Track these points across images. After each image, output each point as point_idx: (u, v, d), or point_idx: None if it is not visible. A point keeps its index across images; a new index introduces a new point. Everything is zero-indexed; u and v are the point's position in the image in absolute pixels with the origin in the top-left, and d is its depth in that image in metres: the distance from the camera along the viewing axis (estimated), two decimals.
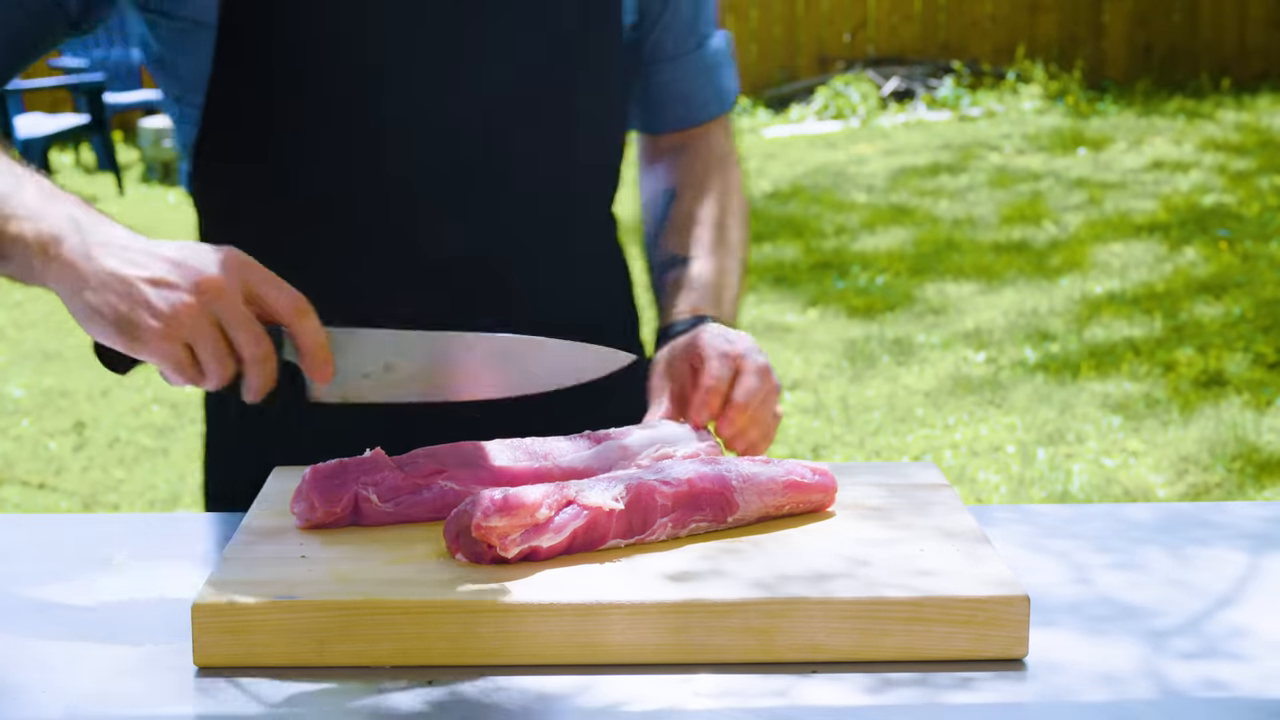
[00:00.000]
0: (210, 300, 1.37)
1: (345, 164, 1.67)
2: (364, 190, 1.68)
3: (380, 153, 1.66)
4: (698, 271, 1.78)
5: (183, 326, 1.36)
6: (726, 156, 1.93)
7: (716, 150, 1.91)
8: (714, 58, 1.89)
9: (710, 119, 1.92)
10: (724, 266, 1.81)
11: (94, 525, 1.68)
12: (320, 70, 1.63)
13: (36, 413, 5.73)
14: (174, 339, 1.37)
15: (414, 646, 1.29)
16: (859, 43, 12.22)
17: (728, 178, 1.90)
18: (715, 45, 1.90)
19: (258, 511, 1.50)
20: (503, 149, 1.70)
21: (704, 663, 1.30)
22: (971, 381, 5.76)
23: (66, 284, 1.38)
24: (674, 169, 1.90)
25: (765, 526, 1.48)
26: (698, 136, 1.92)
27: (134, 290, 1.37)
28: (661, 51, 1.86)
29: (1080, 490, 4.75)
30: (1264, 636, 1.37)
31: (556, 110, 1.73)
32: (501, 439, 1.57)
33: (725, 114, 1.94)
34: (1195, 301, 6.53)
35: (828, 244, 7.80)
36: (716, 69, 1.90)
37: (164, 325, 1.36)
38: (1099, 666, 1.31)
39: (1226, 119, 10.50)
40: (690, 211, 1.85)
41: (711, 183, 1.88)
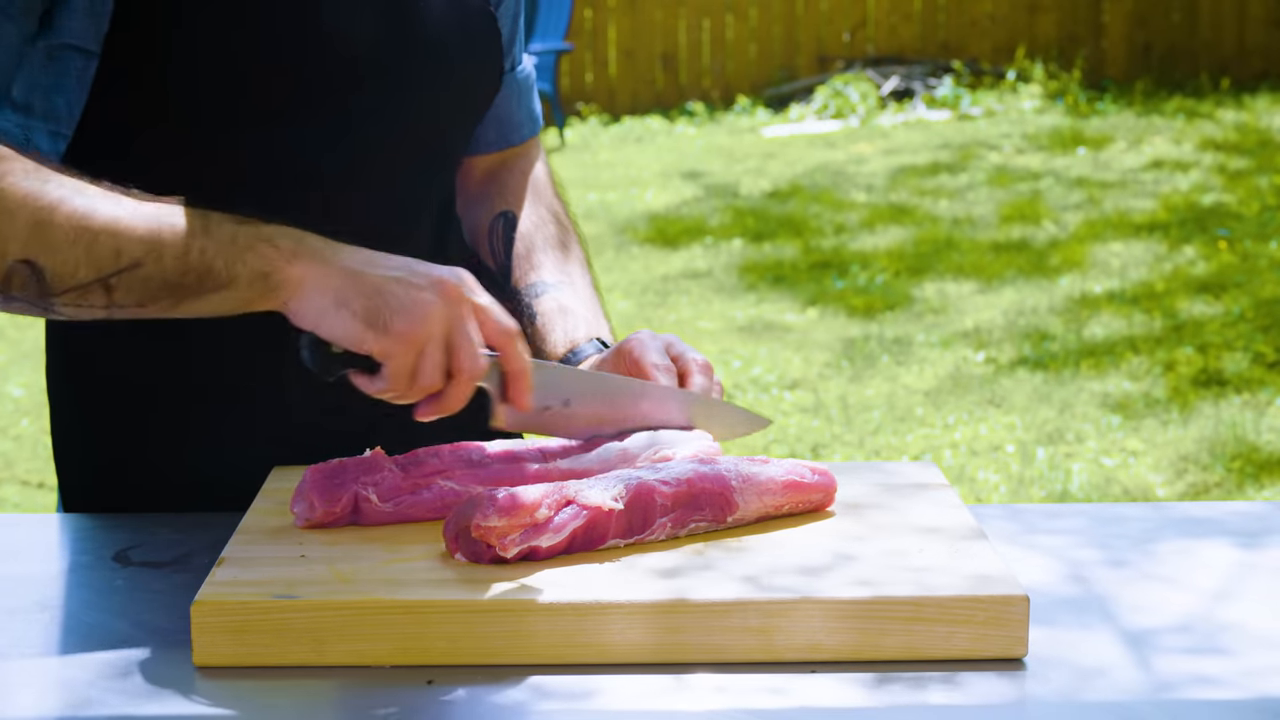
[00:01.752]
0: (452, 305, 1.40)
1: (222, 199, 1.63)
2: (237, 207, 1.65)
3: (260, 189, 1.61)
4: (569, 296, 1.79)
5: (428, 325, 1.39)
6: (553, 176, 1.95)
7: (539, 170, 1.93)
8: (526, 81, 1.91)
9: (521, 141, 1.92)
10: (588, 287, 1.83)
11: (94, 525, 1.68)
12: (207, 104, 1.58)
13: (36, 412, 5.73)
14: (417, 339, 1.39)
15: (414, 646, 1.29)
16: (858, 42, 12.22)
17: (558, 198, 1.92)
18: (526, 69, 1.91)
19: (257, 511, 1.51)
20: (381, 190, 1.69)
21: (703, 662, 1.30)
22: (971, 381, 5.76)
23: (309, 287, 1.40)
24: (503, 193, 1.89)
25: (764, 526, 1.48)
26: (516, 157, 1.92)
27: (383, 287, 1.40)
28: None
29: (1080, 490, 4.75)
30: (1257, 633, 1.37)
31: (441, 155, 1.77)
32: (501, 439, 1.57)
33: (536, 136, 1.95)
34: (1194, 301, 6.53)
35: (827, 243, 7.80)
36: (527, 92, 1.91)
37: (412, 323, 1.39)
38: (1098, 666, 1.31)
39: (1226, 119, 10.50)
40: (536, 234, 1.85)
41: (548, 204, 1.90)
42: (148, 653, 1.33)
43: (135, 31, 1.54)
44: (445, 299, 1.40)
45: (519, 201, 1.89)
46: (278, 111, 1.60)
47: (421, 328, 1.39)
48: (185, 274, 1.40)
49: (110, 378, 1.68)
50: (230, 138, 1.59)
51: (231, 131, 1.59)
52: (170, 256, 1.40)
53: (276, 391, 1.65)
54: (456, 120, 1.77)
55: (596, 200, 8.72)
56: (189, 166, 1.59)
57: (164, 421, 1.68)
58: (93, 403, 1.70)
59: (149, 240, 1.40)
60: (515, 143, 1.91)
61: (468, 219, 1.91)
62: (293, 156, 1.62)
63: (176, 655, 1.32)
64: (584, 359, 1.71)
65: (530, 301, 1.79)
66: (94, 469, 1.72)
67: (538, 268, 1.82)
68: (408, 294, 1.39)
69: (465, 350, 1.41)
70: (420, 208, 1.75)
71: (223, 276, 1.40)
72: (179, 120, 1.58)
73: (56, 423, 1.74)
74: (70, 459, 1.74)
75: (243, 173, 1.61)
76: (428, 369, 1.41)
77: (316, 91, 1.61)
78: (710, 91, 12.14)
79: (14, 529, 1.69)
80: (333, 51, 1.61)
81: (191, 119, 1.58)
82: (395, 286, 1.40)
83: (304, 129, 1.62)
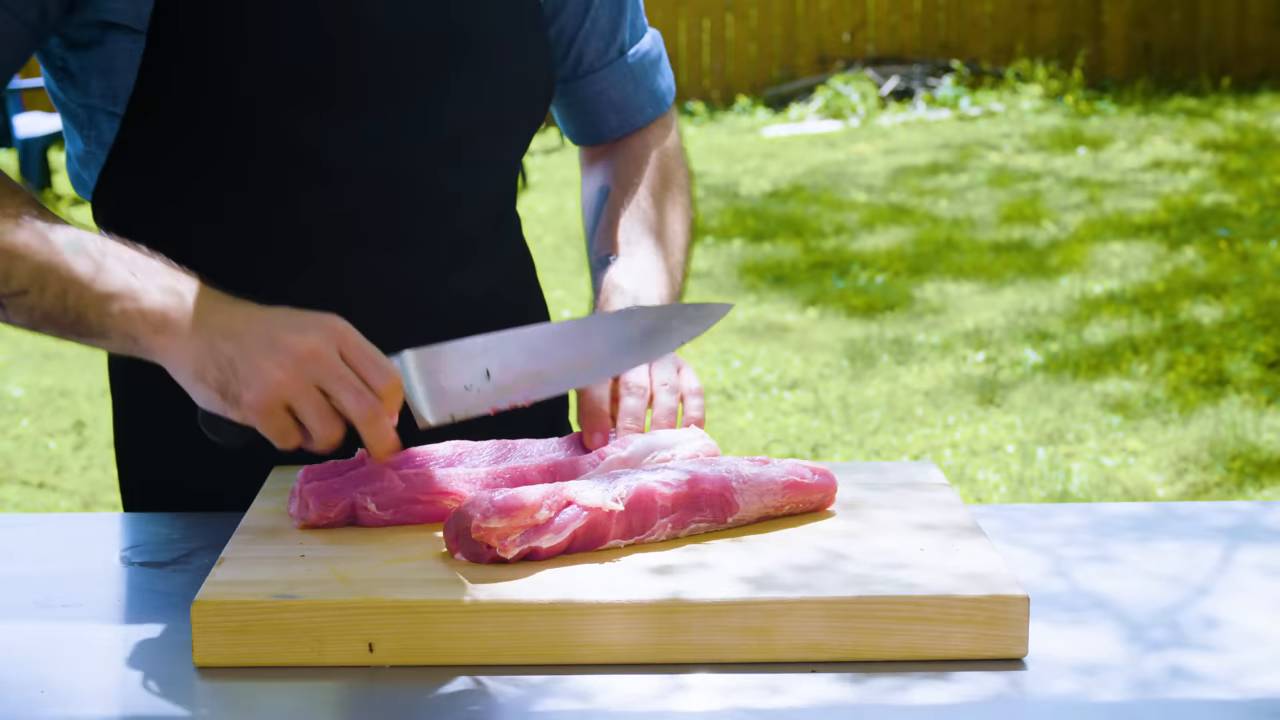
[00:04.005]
0: (306, 364, 1.38)
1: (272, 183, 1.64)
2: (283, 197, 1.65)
3: (306, 170, 1.64)
4: (624, 269, 1.76)
5: (276, 393, 1.37)
6: (666, 151, 1.92)
7: (655, 147, 1.91)
8: (641, 63, 1.89)
9: (647, 123, 1.91)
10: (654, 262, 1.78)
11: (94, 525, 1.68)
12: (253, 83, 1.60)
13: (36, 412, 5.73)
14: (268, 407, 1.37)
15: (414, 646, 1.29)
16: (858, 42, 12.22)
17: (666, 173, 1.89)
18: (642, 50, 1.89)
19: (257, 511, 1.51)
20: (429, 179, 1.69)
21: (703, 662, 1.30)
22: (971, 381, 5.76)
23: (171, 358, 1.41)
24: (610, 167, 1.90)
25: (765, 526, 1.48)
26: (636, 135, 1.92)
27: (234, 358, 1.38)
28: (584, 65, 1.85)
29: (1080, 490, 4.75)
30: (1256, 633, 1.37)
31: (490, 144, 1.75)
32: (497, 439, 1.57)
33: (662, 115, 1.93)
34: (1195, 301, 6.53)
35: (827, 243, 7.80)
36: (646, 73, 1.90)
37: (258, 393, 1.37)
38: (1098, 666, 1.31)
39: (1226, 118, 10.50)
40: (621, 208, 1.84)
41: (646, 178, 1.87)
42: (148, 653, 1.33)
43: (181, 11, 1.56)
44: (296, 362, 1.37)
45: (618, 178, 1.87)
46: (313, 104, 1.61)
47: (268, 396, 1.37)
48: (64, 314, 1.43)
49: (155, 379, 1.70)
50: (266, 130, 1.61)
51: (267, 124, 1.61)
52: (51, 294, 1.43)
53: None
54: (504, 123, 1.76)
55: None
56: (228, 156, 1.61)
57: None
58: (143, 401, 1.72)
59: (36, 273, 1.43)
60: (640, 125, 1.91)
61: (583, 191, 1.93)
62: (329, 151, 1.63)
63: (176, 655, 1.32)
64: None
65: (598, 275, 1.79)
66: (153, 469, 1.75)
67: (610, 242, 1.81)
68: (253, 365, 1.37)
69: (344, 398, 1.38)
70: (471, 207, 1.76)
71: (94, 327, 1.43)
72: (219, 107, 1.60)
73: (118, 423, 1.77)
74: (130, 460, 1.77)
75: (276, 166, 1.63)
76: (313, 424, 1.39)
77: (354, 84, 1.63)
78: (710, 91, 12.14)
79: (14, 529, 1.69)
80: (373, 47, 1.63)
81: (233, 108, 1.60)
82: (245, 356, 1.38)
83: (339, 122, 1.63)
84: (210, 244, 1.64)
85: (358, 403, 1.38)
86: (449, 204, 1.72)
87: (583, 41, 1.84)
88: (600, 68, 1.86)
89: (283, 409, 1.38)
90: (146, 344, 1.41)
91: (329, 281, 1.66)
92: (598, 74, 1.87)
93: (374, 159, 1.65)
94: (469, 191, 1.75)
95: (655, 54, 1.91)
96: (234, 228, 1.66)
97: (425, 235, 1.72)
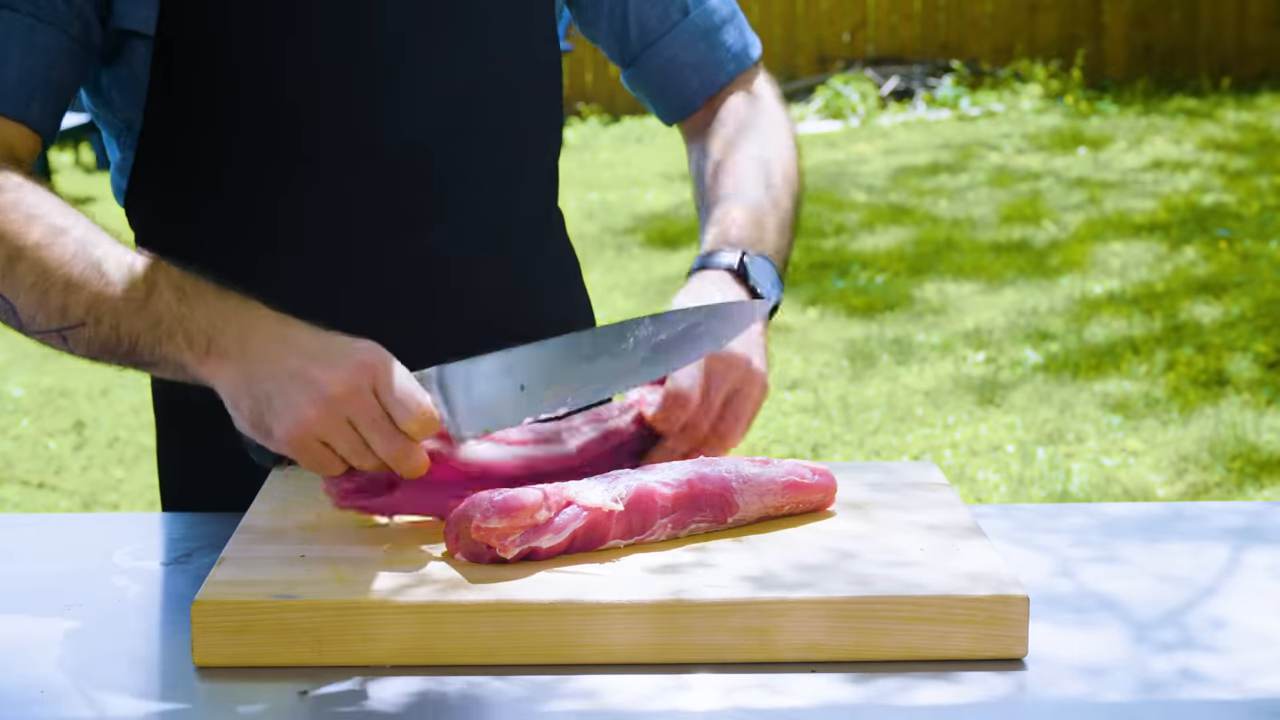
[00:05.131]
0: (339, 406, 1.37)
1: (285, 172, 1.65)
2: (302, 197, 1.66)
3: (317, 162, 1.65)
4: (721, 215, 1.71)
5: (307, 429, 1.37)
6: (757, 102, 1.85)
7: (745, 100, 1.84)
8: (709, 19, 1.83)
9: (730, 79, 1.85)
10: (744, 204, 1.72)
11: (94, 525, 1.68)
12: (259, 79, 1.61)
13: (36, 412, 5.73)
14: (300, 442, 1.38)
15: (414, 646, 1.29)
16: (858, 42, 12.22)
17: (761, 121, 1.82)
18: (709, 6, 1.83)
19: (257, 511, 1.51)
20: (443, 161, 1.69)
21: (703, 662, 1.30)
22: (971, 381, 5.75)
23: (217, 384, 1.41)
24: (708, 125, 1.84)
25: (764, 526, 1.48)
26: (729, 91, 1.85)
27: (270, 391, 1.38)
28: (648, 32, 1.82)
29: (1080, 490, 4.75)
30: (1257, 633, 1.37)
31: (495, 118, 1.73)
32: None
33: (746, 69, 1.86)
34: (1195, 301, 6.53)
35: (827, 243, 7.80)
36: (717, 29, 1.83)
37: (289, 428, 1.37)
38: (1094, 665, 1.31)
39: (1226, 118, 10.50)
40: (718, 161, 1.78)
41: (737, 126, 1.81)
42: (148, 653, 1.33)
43: (185, 14, 1.57)
44: (327, 401, 1.37)
45: (713, 134, 1.82)
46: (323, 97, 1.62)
47: (300, 432, 1.37)
48: (118, 344, 1.44)
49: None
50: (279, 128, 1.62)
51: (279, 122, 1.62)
52: (106, 325, 1.43)
53: None
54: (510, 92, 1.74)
55: (597, 200, 8.72)
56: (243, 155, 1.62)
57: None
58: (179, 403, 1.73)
59: (89, 305, 1.43)
60: (723, 82, 1.84)
61: (690, 156, 1.88)
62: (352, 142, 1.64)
63: (176, 655, 1.32)
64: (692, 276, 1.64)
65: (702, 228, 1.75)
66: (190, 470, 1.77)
67: (709, 195, 1.76)
68: (286, 400, 1.37)
69: (373, 439, 1.38)
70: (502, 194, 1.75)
71: (146, 356, 1.43)
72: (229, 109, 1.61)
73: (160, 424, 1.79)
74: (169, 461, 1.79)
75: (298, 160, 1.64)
76: (351, 456, 1.39)
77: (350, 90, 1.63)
78: None
79: (14, 529, 1.69)
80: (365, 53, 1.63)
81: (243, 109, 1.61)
82: (280, 391, 1.38)
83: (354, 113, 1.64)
84: (238, 246, 1.65)
85: (388, 445, 1.39)
86: (481, 187, 1.72)
87: (638, 9, 1.81)
88: (665, 32, 1.82)
89: (316, 443, 1.38)
90: (194, 371, 1.42)
91: (365, 276, 1.67)
92: (665, 39, 1.82)
93: (395, 143, 1.65)
94: (498, 176, 1.74)
95: (726, 11, 1.85)
96: (258, 226, 1.66)
97: (460, 221, 1.71)
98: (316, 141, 1.64)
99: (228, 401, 1.41)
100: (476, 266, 1.74)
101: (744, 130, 1.81)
